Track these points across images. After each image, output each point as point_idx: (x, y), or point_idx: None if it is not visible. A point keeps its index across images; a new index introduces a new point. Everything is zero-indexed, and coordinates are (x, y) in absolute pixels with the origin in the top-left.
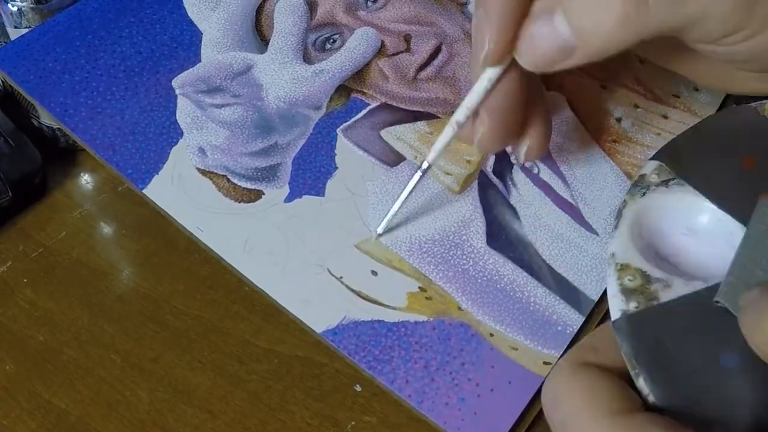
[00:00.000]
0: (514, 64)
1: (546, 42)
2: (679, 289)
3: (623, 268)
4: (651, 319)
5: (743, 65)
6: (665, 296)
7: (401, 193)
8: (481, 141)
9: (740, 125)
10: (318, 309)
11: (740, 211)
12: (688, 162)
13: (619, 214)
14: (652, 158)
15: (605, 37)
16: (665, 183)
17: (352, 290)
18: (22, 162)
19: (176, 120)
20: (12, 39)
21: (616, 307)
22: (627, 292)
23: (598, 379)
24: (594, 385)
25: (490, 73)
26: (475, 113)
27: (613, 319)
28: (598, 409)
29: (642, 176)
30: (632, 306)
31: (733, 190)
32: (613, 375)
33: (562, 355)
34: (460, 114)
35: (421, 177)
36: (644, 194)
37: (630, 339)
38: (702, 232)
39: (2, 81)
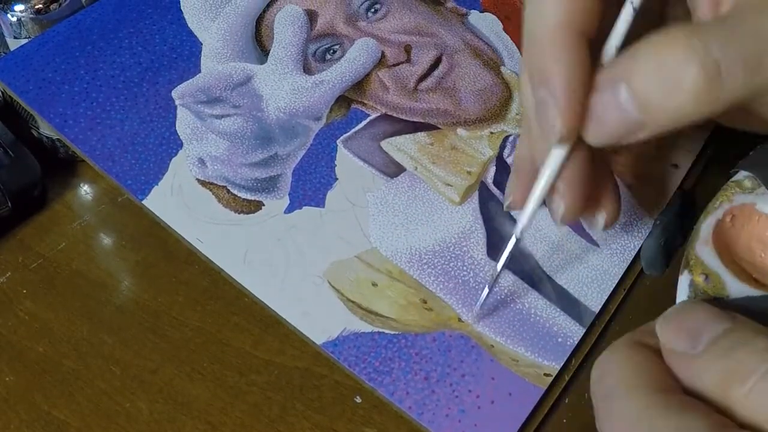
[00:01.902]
0: (581, 139)
1: (613, 118)
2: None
3: (696, 265)
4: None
5: None
6: (731, 294)
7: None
8: (565, 216)
9: None
10: (318, 320)
11: None
12: None
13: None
14: (740, 168)
15: (674, 114)
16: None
17: (353, 302)
18: (21, 173)
19: (176, 131)
20: (11, 49)
21: (682, 297)
22: (695, 287)
23: (648, 358)
24: (643, 362)
25: (559, 153)
26: (550, 191)
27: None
28: (641, 384)
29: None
30: (698, 295)
31: None
32: (663, 360)
33: (563, 368)
34: (533, 202)
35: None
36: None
37: None
38: None
39: (2, 91)
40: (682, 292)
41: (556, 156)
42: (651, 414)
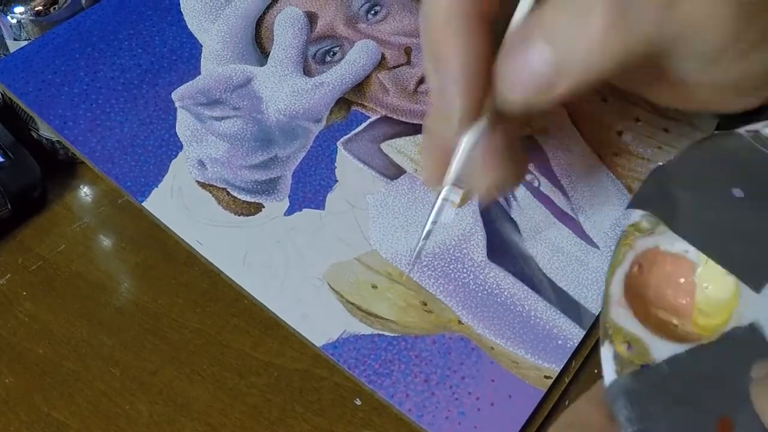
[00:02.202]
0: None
1: (524, 77)
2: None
3: (616, 333)
4: (641, 384)
5: (729, 91)
6: (656, 357)
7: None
8: (486, 191)
9: (727, 155)
10: (318, 322)
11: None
12: (672, 205)
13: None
14: (635, 207)
15: (586, 61)
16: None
17: (352, 304)
18: (21, 174)
19: (176, 133)
20: (11, 51)
21: (609, 373)
22: (620, 359)
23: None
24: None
25: (469, 136)
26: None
27: (606, 383)
28: None
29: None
30: (624, 369)
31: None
32: None
33: (563, 369)
34: (455, 194)
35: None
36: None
37: (619, 406)
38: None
39: (1, 93)
40: (609, 367)
41: (467, 138)
42: None
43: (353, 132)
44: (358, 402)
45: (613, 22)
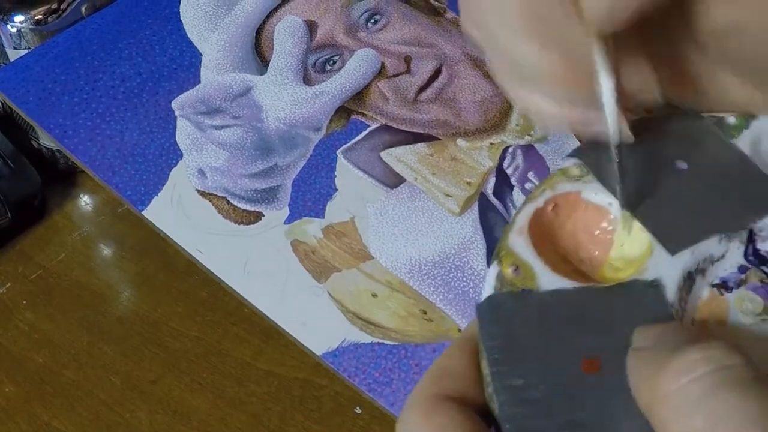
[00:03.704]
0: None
1: None
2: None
3: (507, 256)
4: (517, 304)
5: (739, 64)
6: (542, 286)
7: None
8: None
9: (682, 133)
10: (318, 331)
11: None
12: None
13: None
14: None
15: None
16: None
17: (352, 312)
18: (21, 183)
19: (176, 141)
20: (11, 60)
21: (487, 290)
22: (502, 279)
23: (453, 421)
24: (446, 428)
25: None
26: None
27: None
28: None
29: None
30: (503, 288)
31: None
32: (471, 414)
33: None
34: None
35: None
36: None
37: (486, 323)
38: None
39: (1, 102)
40: (489, 285)
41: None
42: None
43: (353, 141)
44: (359, 410)
45: None
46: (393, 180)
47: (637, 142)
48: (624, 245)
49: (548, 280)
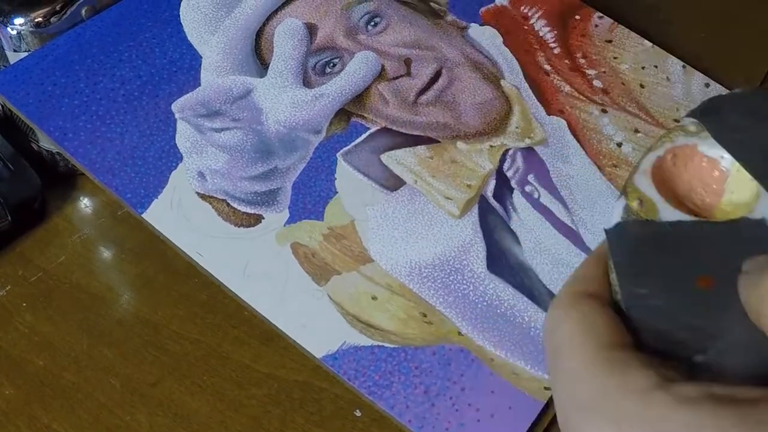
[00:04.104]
0: None
1: None
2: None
3: (632, 192)
4: (642, 230)
5: None
6: (663, 218)
7: None
8: None
9: None
10: (318, 334)
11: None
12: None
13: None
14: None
15: None
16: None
17: (352, 315)
18: (21, 186)
19: (176, 144)
20: (11, 63)
21: (615, 218)
22: (629, 210)
23: (593, 310)
24: (587, 316)
25: None
26: None
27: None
28: (587, 340)
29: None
30: (630, 217)
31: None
32: (609, 308)
33: None
34: None
35: None
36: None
37: (615, 246)
38: None
39: (1, 105)
40: (616, 215)
41: None
42: (594, 372)
43: (353, 143)
44: (358, 413)
45: None
46: (393, 183)
47: (742, 98)
48: (733, 193)
49: (669, 213)
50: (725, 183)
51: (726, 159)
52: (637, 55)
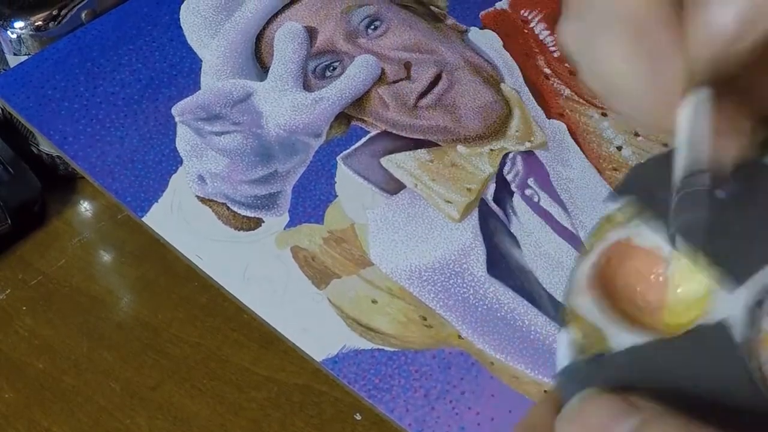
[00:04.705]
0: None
1: (711, 30)
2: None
3: (574, 320)
4: (592, 371)
5: None
6: (614, 347)
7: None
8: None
9: None
10: (317, 337)
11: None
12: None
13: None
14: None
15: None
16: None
17: (352, 318)
18: (21, 189)
19: (176, 148)
20: (11, 66)
21: (562, 358)
22: (575, 345)
23: None
24: None
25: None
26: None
27: (558, 368)
28: None
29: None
30: (577, 357)
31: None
32: None
33: None
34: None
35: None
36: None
37: (568, 393)
38: None
39: (1, 108)
40: (563, 353)
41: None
42: None
43: (353, 147)
44: (358, 417)
45: None
46: (393, 186)
47: (666, 167)
48: (679, 288)
49: (618, 338)
50: (668, 276)
51: (665, 248)
52: None
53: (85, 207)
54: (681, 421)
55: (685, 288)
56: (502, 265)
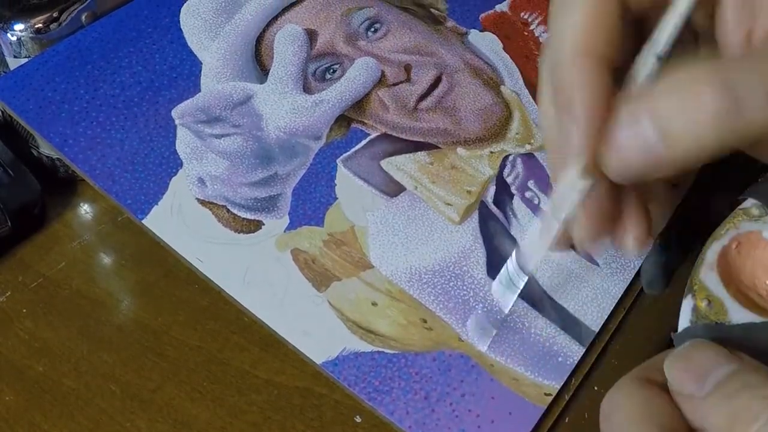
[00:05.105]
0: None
1: (633, 150)
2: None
3: (700, 290)
4: (711, 335)
5: None
6: (733, 320)
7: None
8: (579, 241)
9: None
10: (318, 340)
11: None
12: None
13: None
14: (748, 195)
15: (696, 146)
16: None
17: (353, 321)
18: (21, 192)
19: (176, 150)
20: (11, 68)
21: (684, 322)
22: (697, 312)
23: (655, 397)
24: (650, 399)
25: (583, 185)
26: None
27: (679, 329)
28: (647, 423)
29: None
30: (698, 321)
31: None
32: (670, 396)
33: (562, 387)
34: (554, 229)
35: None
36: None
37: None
38: None
39: (1, 111)
40: (685, 317)
41: (576, 191)
42: None
43: (353, 149)
44: (359, 419)
45: (724, 109)
46: (393, 189)
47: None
48: None
49: (738, 314)
50: None
51: None
52: None
53: (86, 209)
54: None
55: None
56: (502, 267)
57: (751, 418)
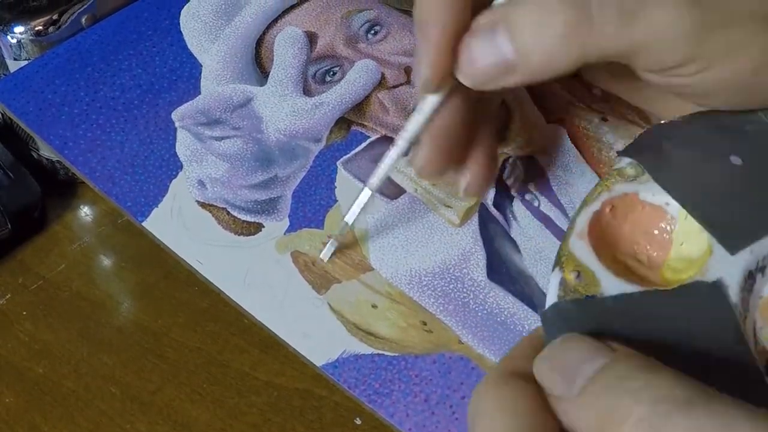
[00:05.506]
0: (457, 88)
1: (487, 58)
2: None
3: (568, 261)
4: (581, 311)
5: (698, 100)
6: (606, 292)
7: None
8: (419, 166)
9: (734, 125)
10: (318, 342)
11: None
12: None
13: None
14: (624, 155)
15: (546, 56)
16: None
17: (353, 323)
18: (21, 194)
19: (176, 153)
20: (11, 71)
21: (551, 297)
22: (566, 285)
23: (524, 393)
24: (517, 400)
25: (431, 100)
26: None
27: (546, 306)
28: (513, 428)
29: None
30: (567, 296)
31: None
32: (535, 387)
33: None
34: (400, 146)
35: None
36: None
37: (552, 331)
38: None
39: (1, 113)
40: (552, 292)
41: (425, 107)
42: None
43: (353, 152)
44: (359, 421)
45: (574, 29)
46: (393, 191)
47: (685, 128)
48: (683, 245)
49: (611, 285)
50: (672, 233)
51: (672, 205)
52: None
53: (85, 212)
54: (647, 363)
55: (688, 246)
56: (503, 270)
57: (621, 417)
